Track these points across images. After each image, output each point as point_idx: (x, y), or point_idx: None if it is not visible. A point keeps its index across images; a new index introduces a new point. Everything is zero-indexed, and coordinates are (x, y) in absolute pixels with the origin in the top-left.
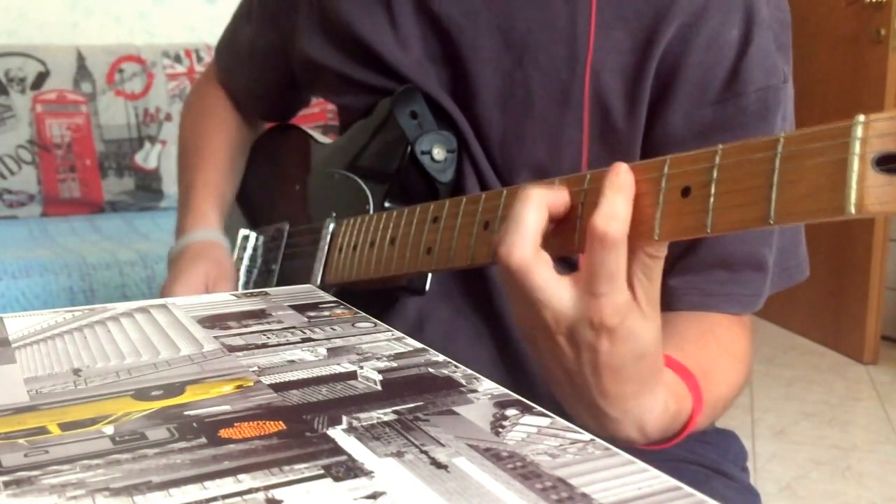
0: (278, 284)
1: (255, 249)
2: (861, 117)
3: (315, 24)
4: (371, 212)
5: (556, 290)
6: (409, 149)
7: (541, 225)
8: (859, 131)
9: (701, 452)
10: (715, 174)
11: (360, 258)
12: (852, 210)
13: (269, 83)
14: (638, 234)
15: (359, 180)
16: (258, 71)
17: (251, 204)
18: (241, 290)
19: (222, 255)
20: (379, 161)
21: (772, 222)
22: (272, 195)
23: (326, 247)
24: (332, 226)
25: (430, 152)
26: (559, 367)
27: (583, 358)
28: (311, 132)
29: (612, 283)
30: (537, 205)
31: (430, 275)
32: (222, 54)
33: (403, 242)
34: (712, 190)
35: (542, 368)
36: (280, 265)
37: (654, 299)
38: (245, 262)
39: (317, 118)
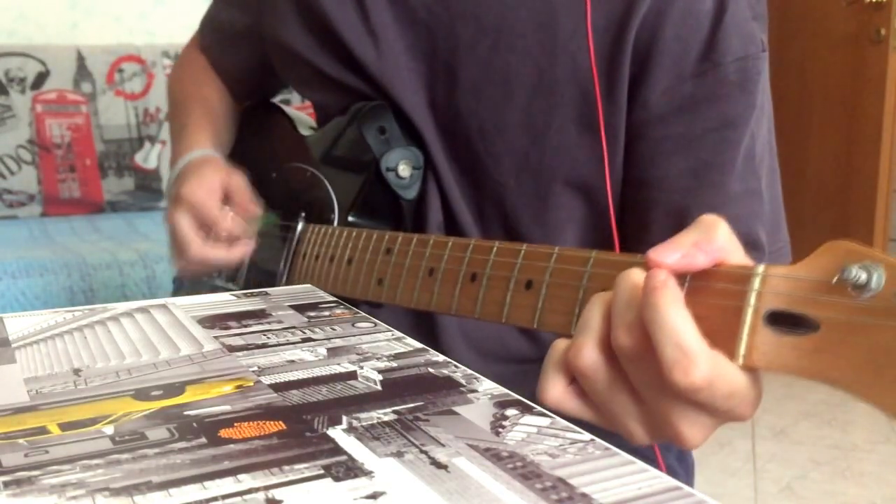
0: (247, 273)
1: None
2: (760, 268)
3: (293, 10)
4: (335, 222)
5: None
6: (374, 165)
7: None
8: (756, 283)
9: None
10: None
11: (319, 270)
12: (741, 361)
13: (249, 66)
14: None
15: (328, 185)
16: (238, 54)
17: None
18: (214, 274)
19: (225, 163)
20: (347, 170)
21: None
22: (250, 177)
23: (293, 249)
24: (300, 228)
25: (395, 169)
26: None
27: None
28: (291, 113)
29: None
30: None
31: None
32: (205, 32)
33: (358, 266)
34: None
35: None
36: (250, 255)
37: None
38: None
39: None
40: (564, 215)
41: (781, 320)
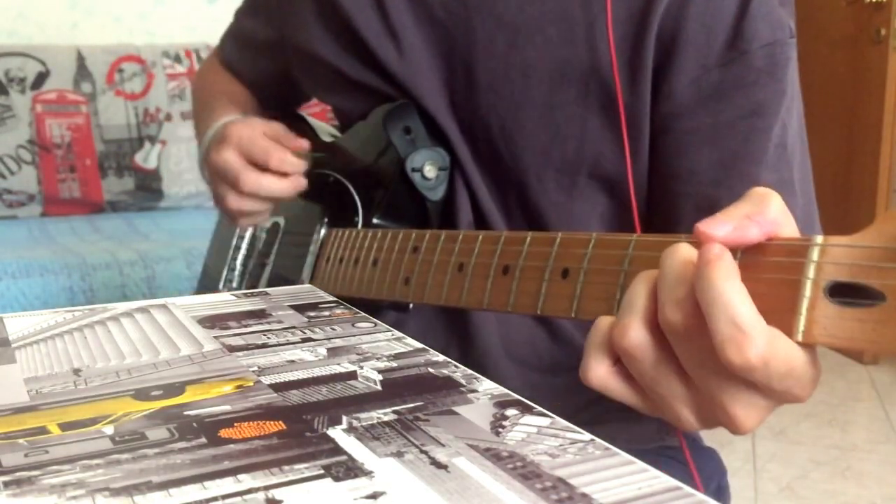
0: (269, 280)
1: (252, 239)
2: (819, 239)
3: (314, 12)
4: (359, 225)
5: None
6: (399, 166)
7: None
8: (815, 254)
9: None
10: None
11: (344, 273)
12: (800, 337)
13: (271, 76)
14: None
15: (351, 189)
16: (261, 64)
17: None
18: (236, 281)
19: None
20: (371, 173)
21: None
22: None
23: (315, 254)
24: (322, 232)
25: (420, 170)
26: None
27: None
28: (313, 122)
29: None
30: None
31: None
32: (225, 47)
33: (384, 267)
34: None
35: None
36: (273, 262)
37: None
38: (242, 250)
39: (318, 118)
40: (589, 209)
41: (843, 292)
